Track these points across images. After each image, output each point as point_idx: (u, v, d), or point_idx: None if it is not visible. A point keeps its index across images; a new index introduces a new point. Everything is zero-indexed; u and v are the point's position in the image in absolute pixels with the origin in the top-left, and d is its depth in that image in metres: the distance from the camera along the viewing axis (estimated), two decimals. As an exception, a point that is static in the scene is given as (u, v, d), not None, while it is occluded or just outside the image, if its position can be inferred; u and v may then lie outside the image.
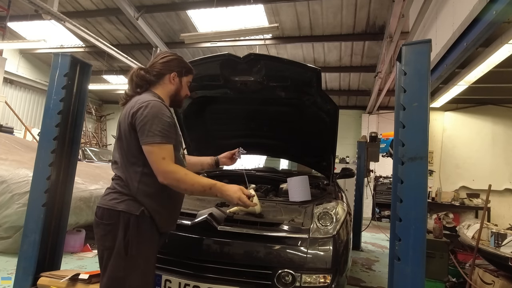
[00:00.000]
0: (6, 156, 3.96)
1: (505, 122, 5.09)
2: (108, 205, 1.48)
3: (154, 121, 1.43)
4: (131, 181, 1.49)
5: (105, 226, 1.46)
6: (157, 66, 1.64)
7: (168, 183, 1.43)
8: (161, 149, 1.42)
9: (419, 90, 1.83)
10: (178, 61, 1.69)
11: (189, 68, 1.74)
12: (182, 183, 1.43)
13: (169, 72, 1.65)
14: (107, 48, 7.48)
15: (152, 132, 1.41)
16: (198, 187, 1.46)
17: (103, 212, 1.48)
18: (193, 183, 1.45)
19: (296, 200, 2.50)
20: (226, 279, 1.88)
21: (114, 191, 1.52)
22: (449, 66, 3.24)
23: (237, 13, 7.11)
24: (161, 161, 1.41)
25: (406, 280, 1.71)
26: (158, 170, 1.42)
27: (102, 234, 1.47)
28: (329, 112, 2.70)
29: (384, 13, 6.64)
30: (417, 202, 1.74)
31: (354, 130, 11.23)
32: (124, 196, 1.48)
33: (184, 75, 1.70)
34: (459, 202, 4.92)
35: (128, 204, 1.46)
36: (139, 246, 1.44)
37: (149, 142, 1.42)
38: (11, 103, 10.01)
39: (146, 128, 1.42)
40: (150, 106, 1.46)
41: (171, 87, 1.66)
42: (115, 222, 1.44)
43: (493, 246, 3.04)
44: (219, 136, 3.45)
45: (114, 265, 1.42)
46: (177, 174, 1.43)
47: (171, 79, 1.65)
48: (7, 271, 2.93)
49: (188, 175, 1.46)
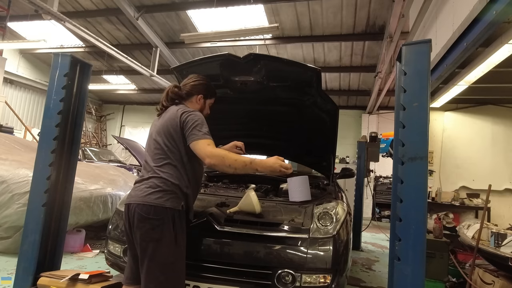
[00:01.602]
0: (6, 156, 3.96)
1: (505, 122, 5.09)
2: (155, 203, 1.68)
3: (203, 124, 1.74)
4: (184, 176, 1.75)
5: (153, 221, 1.66)
6: (188, 86, 1.94)
7: (214, 162, 1.66)
8: (207, 141, 1.71)
9: (419, 90, 1.83)
10: (206, 86, 1.98)
11: (214, 92, 2.04)
12: (227, 159, 1.67)
13: (196, 94, 1.94)
14: (107, 48, 7.48)
15: (203, 132, 1.71)
16: (240, 162, 1.69)
17: (149, 209, 1.67)
18: (236, 158, 1.70)
19: (296, 200, 2.50)
20: (226, 279, 1.88)
21: (157, 189, 1.70)
22: (449, 66, 3.24)
23: (237, 13, 7.11)
24: (207, 146, 1.69)
25: (406, 280, 1.71)
26: (206, 152, 1.67)
27: (149, 228, 1.66)
28: (329, 112, 2.71)
29: (384, 13, 6.64)
30: (417, 202, 1.74)
31: (354, 130, 11.22)
32: (169, 194, 1.70)
33: (208, 98, 2.00)
34: (459, 202, 4.92)
35: (173, 201, 1.70)
36: (182, 235, 1.73)
37: (200, 138, 1.69)
38: (11, 103, 10.01)
39: (197, 129, 1.71)
40: (196, 113, 1.78)
41: (196, 106, 1.94)
42: (162, 217, 1.66)
43: (493, 246, 3.04)
44: (219, 136, 3.44)
45: (166, 252, 1.66)
46: (222, 152, 1.71)
47: (197, 100, 1.95)
48: (7, 271, 2.93)
49: (229, 153, 1.73)
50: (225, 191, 2.89)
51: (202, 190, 2.78)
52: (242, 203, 2.18)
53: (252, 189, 2.43)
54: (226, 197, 2.56)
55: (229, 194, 2.67)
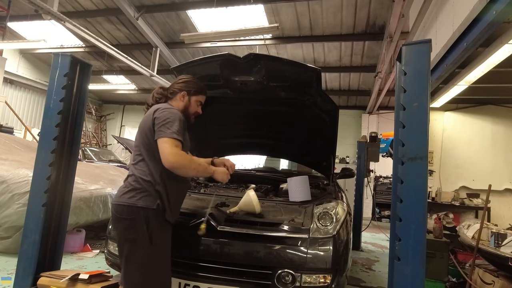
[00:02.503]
0: (6, 156, 3.96)
1: (505, 122, 5.09)
2: (127, 202, 1.66)
3: (174, 123, 1.69)
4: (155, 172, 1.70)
5: (126, 221, 1.65)
6: (174, 86, 1.95)
7: (178, 165, 1.62)
8: (176, 142, 1.66)
9: (419, 90, 1.83)
10: (190, 82, 1.96)
11: (199, 89, 1.97)
12: (192, 163, 1.69)
13: (179, 91, 1.93)
14: (107, 48, 7.48)
15: (171, 130, 1.66)
16: (203, 166, 1.77)
17: (122, 209, 1.66)
18: (200, 162, 1.77)
19: (296, 200, 2.50)
20: (226, 279, 1.88)
21: (130, 188, 1.70)
22: (449, 66, 3.24)
23: (237, 13, 7.11)
24: (175, 147, 1.64)
25: (406, 280, 1.71)
26: (168, 152, 1.61)
27: (123, 228, 1.67)
28: (329, 112, 2.70)
29: (384, 13, 6.64)
30: (417, 202, 1.74)
31: (354, 130, 11.22)
32: (142, 193, 1.68)
33: (193, 95, 1.95)
34: (459, 202, 4.92)
35: (146, 200, 1.67)
36: (160, 234, 1.67)
37: (167, 136, 1.64)
38: (11, 103, 10.01)
39: (166, 126, 1.67)
40: (171, 111, 1.75)
41: (181, 103, 1.92)
42: (134, 217, 1.64)
43: (493, 246, 3.04)
44: (219, 136, 3.45)
45: (141, 253, 1.63)
46: (187, 156, 1.70)
47: (181, 97, 1.93)
48: (7, 271, 2.93)
49: (194, 157, 1.78)
50: (225, 191, 2.89)
51: (202, 190, 2.78)
52: (242, 203, 2.18)
53: (252, 189, 2.43)
54: (226, 197, 2.56)
55: (229, 194, 2.67)
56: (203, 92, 2.00)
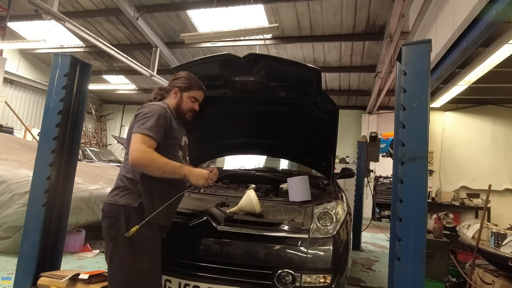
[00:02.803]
0: (6, 156, 3.96)
1: (505, 122, 5.09)
2: (111, 200, 1.66)
3: (150, 119, 1.64)
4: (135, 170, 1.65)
5: (109, 219, 1.64)
6: (170, 83, 1.92)
7: (141, 162, 1.56)
8: (145, 138, 1.60)
9: (419, 90, 1.83)
10: (183, 78, 1.90)
11: (191, 84, 1.90)
12: (156, 162, 1.58)
13: (172, 88, 1.89)
14: (107, 48, 7.48)
15: (145, 126, 1.61)
16: (171, 166, 1.62)
17: (106, 207, 1.67)
18: (167, 162, 1.61)
19: (296, 200, 2.50)
20: (226, 279, 1.88)
21: (115, 187, 1.70)
22: (449, 66, 3.24)
23: (237, 13, 7.11)
24: (141, 144, 1.58)
25: (406, 280, 1.71)
26: (132, 149, 1.57)
27: (106, 226, 1.64)
28: (329, 112, 2.70)
29: (384, 13, 6.64)
30: (417, 202, 1.74)
31: (354, 130, 11.22)
32: (124, 191, 1.65)
33: (185, 91, 1.88)
34: (459, 202, 4.92)
35: (128, 197, 1.64)
36: (141, 234, 1.55)
37: (137, 131, 1.60)
38: (11, 103, 10.01)
39: (140, 121, 1.63)
40: (152, 107, 1.69)
41: (173, 100, 1.87)
42: (116, 215, 1.62)
43: (493, 246, 3.04)
44: (220, 136, 3.45)
45: (122, 252, 1.59)
46: (152, 154, 1.59)
47: (174, 94, 1.88)
48: (7, 271, 2.93)
49: (161, 156, 1.61)
50: (225, 191, 2.89)
51: (202, 190, 2.78)
52: (242, 203, 2.18)
53: (252, 189, 2.43)
54: (226, 197, 2.56)
55: (229, 194, 2.67)
56: (196, 88, 1.90)
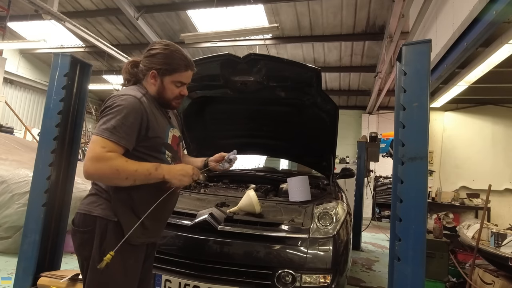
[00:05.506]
0: (6, 156, 3.96)
1: (505, 122, 5.09)
2: (84, 209, 1.31)
3: (117, 115, 1.24)
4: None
5: (81, 235, 1.30)
6: (144, 60, 1.41)
7: (98, 175, 1.20)
8: (105, 143, 1.21)
9: (419, 90, 1.83)
10: (163, 55, 1.38)
11: (173, 65, 1.38)
12: (123, 172, 1.20)
13: (149, 70, 1.39)
14: (107, 48, 7.48)
15: (105, 126, 1.23)
16: (143, 171, 1.24)
17: (79, 218, 1.32)
18: (136, 168, 1.23)
19: (296, 200, 2.50)
20: (226, 279, 1.88)
21: (91, 193, 1.35)
22: (449, 66, 3.24)
23: (237, 13, 7.11)
24: (98, 149, 1.19)
25: (406, 280, 1.71)
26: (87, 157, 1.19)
27: (77, 243, 1.31)
28: (329, 112, 2.71)
29: (384, 13, 6.64)
30: (417, 202, 1.74)
31: (354, 130, 11.22)
32: (101, 199, 1.31)
33: (165, 74, 1.38)
34: (459, 202, 4.92)
35: (105, 208, 1.29)
36: (116, 256, 1.20)
37: (96, 133, 1.23)
38: (11, 103, 10.00)
39: (102, 119, 1.26)
40: (118, 99, 1.28)
41: (153, 87, 1.41)
42: (90, 229, 1.28)
43: (493, 246, 3.04)
44: (219, 136, 3.45)
45: (90, 278, 1.28)
46: (114, 161, 1.19)
47: (151, 78, 1.39)
48: (7, 271, 2.93)
49: (129, 161, 1.23)
50: (225, 191, 2.89)
51: (202, 190, 2.78)
52: (242, 203, 2.18)
53: (252, 189, 2.43)
54: (226, 197, 2.56)
55: (229, 194, 2.67)
56: (181, 69, 1.40)
